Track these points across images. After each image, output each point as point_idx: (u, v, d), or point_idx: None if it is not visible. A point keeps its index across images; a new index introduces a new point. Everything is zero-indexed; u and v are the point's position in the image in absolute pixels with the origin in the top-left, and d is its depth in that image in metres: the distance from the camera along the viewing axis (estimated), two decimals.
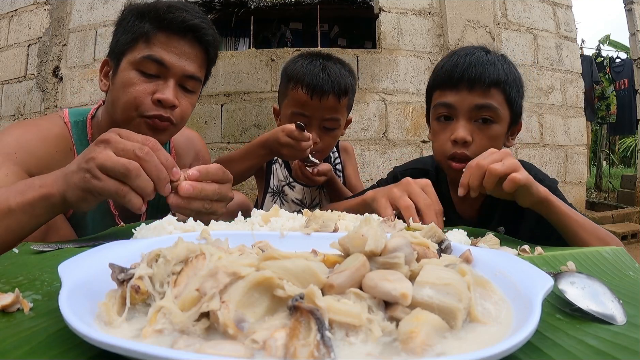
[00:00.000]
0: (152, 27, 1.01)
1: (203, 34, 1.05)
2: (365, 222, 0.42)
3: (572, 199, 4.29)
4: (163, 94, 1.01)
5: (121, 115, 1.03)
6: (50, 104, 3.90)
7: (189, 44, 1.04)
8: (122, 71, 1.03)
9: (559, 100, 4.37)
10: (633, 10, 5.57)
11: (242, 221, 0.73)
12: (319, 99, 1.29)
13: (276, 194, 1.51)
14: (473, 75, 1.03)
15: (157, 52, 1.01)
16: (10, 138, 0.97)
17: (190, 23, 1.02)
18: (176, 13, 1.01)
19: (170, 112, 1.03)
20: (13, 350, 0.35)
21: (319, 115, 1.32)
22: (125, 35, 1.03)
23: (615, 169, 9.92)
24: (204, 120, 3.72)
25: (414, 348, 0.31)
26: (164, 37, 1.01)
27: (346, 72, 1.37)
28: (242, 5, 4.91)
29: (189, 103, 1.08)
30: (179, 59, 1.03)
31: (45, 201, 0.70)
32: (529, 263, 0.46)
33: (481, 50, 1.10)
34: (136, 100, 1.00)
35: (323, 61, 1.35)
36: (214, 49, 1.11)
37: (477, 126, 1.06)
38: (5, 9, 4.31)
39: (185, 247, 0.40)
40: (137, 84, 1.01)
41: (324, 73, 1.30)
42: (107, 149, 0.67)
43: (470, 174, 0.85)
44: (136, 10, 1.04)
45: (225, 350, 0.30)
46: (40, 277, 0.52)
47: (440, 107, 1.09)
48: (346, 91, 1.33)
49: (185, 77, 1.05)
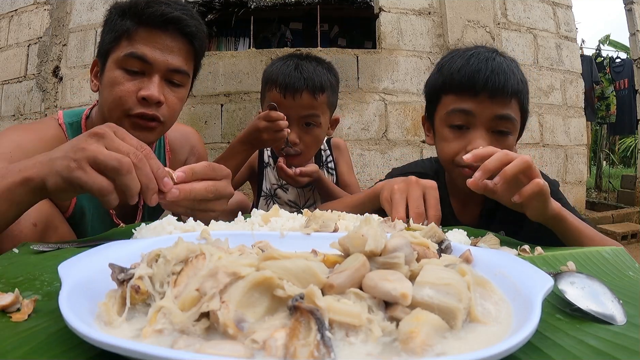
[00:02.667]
0: (132, 23, 1.00)
1: (185, 25, 1.03)
2: (365, 222, 0.42)
3: (572, 199, 4.29)
4: (147, 90, 0.99)
5: (109, 116, 1.03)
6: (50, 104, 3.90)
7: (170, 37, 1.02)
8: (107, 71, 1.03)
9: (559, 100, 4.37)
10: (633, 10, 5.56)
11: (242, 221, 0.73)
12: (292, 97, 1.30)
13: (269, 197, 1.51)
14: (497, 84, 0.97)
15: (139, 48, 1.00)
16: (5, 139, 0.97)
17: (169, 16, 1.00)
18: (155, 7, 0.99)
19: (156, 109, 1.02)
20: (13, 350, 0.35)
21: (296, 114, 1.32)
22: (109, 34, 1.03)
23: (615, 169, 9.92)
24: (204, 120, 3.72)
25: (414, 348, 0.31)
26: (145, 33, 1.00)
27: (323, 69, 1.37)
28: (242, 5, 4.90)
29: (176, 98, 1.07)
30: (162, 54, 1.01)
31: (24, 186, 0.65)
32: (529, 263, 0.46)
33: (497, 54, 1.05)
34: (121, 99, 1.00)
35: (297, 60, 1.36)
36: (199, 40, 1.08)
37: (494, 136, 1.01)
38: (5, 9, 4.31)
39: (185, 247, 0.40)
40: (121, 82, 1.00)
41: (296, 71, 1.32)
42: (100, 142, 0.64)
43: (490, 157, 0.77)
44: (119, 8, 1.04)
45: (225, 350, 0.30)
46: (40, 277, 0.52)
47: (456, 114, 1.02)
48: (322, 87, 1.33)
49: (171, 71, 1.03)
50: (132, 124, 1.01)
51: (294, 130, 1.33)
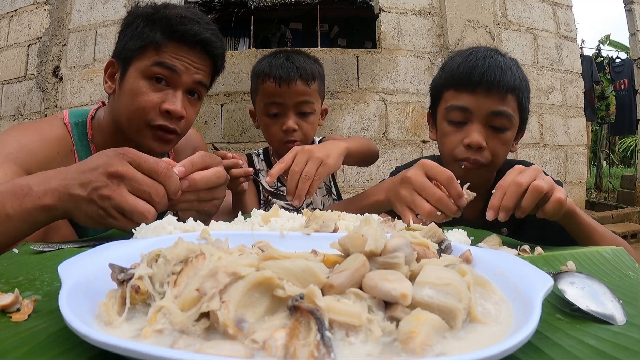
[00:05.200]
0: (163, 36, 1.01)
1: (213, 47, 1.07)
2: (365, 222, 0.42)
3: (572, 199, 4.23)
4: (172, 104, 1.02)
5: (127, 124, 1.04)
6: (50, 104, 3.90)
7: (197, 55, 1.05)
8: (130, 78, 1.03)
9: (559, 100, 4.36)
10: (633, 10, 5.56)
11: (242, 221, 0.73)
12: (288, 85, 1.34)
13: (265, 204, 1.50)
14: (492, 79, 1.00)
15: (168, 59, 1.02)
16: (10, 139, 0.97)
17: (202, 37, 1.03)
18: (188, 25, 1.02)
19: (177, 123, 1.04)
20: (13, 350, 0.34)
21: (292, 101, 1.37)
22: (134, 40, 1.03)
23: (615, 169, 9.92)
24: (204, 120, 3.72)
25: (414, 348, 0.31)
26: (174, 47, 1.02)
27: (311, 60, 1.43)
28: (242, 5, 4.91)
29: (194, 112, 1.10)
30: (188, 69, 1.04)
31: (45, 212, 0.68)
32: (529, 263, 0.46)
33: (496, 53, 1.08)
34: (145, 110, 1.01)
35: (286, 54, 1.42)
36: (222, 60, 1.13)
37: (491, 131, 1.03)
38: (5, 9, 4.31)
39: (185, 247, 0.40)
40: (145, 93, 1.01)
41: (288, 62, 1.37)
42: (122, 186, 0.66)
43: (503, 194, 0.78)
44: (145, 15, 1.04)
45: (225, 350, 0.30)
46: (40, 277, 0.52)
47: (454, 110, 1.06)
48: (313, 76, 1.39)
49: (194, 83, 1.06)
50: (153, 135, 1.04)
51: (291, 117, 1.37)
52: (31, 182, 0.70)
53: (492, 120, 1.03)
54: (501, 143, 1.04)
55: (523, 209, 0.77)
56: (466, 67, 1.04)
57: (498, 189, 0.79)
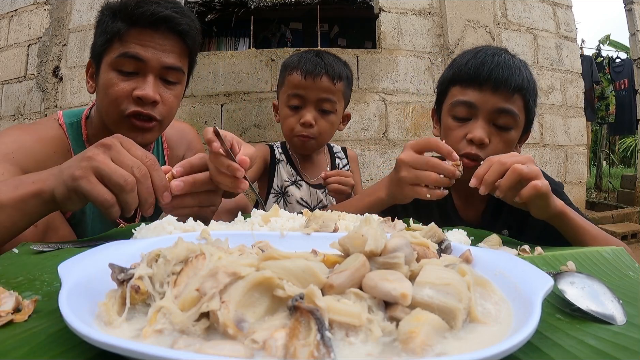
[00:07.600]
0: (123, 25, 1.00)
1: (176, 23, 1.02)
2: (365, 222, 0.42)
3: (572, 199, 4.24)
4: (142, 90, 1.00)
5: (107, 118, 1.04)
6: (50, 104, 3.90)
7: (162, 36, 1.02)
8: (102, 73, 1.03)
9: (559, 100, 4.36)
10: (633, 10, 5.56)
11: (242, 221, 0.73)
12: (313, 79, 1.35)
13: (280, 194, 1.51)
14: (500, 77, 1.00)
15: (132, 48, 1.00)
16: (7, 139, 0.97)
17: (160, 15, 1.00)
18: (145, 7, 0.99)
19: (151, 108, 1.02)
20: (13, 350, 0.35)
21: (314, 96, 1.37)
22: (102, 36, 1.03)
23: (615, 169, 9.91)
24: (204, 120, 3.72)
25: (414, 348, 0.31)
26: (137, 33, 1.00)
27: (341, 62, 1.44)
28: (242, 5, 4.90)
29: (172, 96, 1.07)
30: (155, 53, 1.01)
31: (36, 198, 0.68)
32: (529, 263, 0.46)
33: (506, 52, 1.08)
34: (117, 100, 1.00)
35: (317, 51, 1.44)
36: (192, 37, 1.08)
37: (495, 129, 1.03)
38: (5, 9, 4.31)
39: (185, 247, 0.40)
40: (116, 84, 1.00)
41: (318, 58, 1.39)
42: (106, 154, 0.66)
43: (488, 168, 0.81)
44: (109, 10, 1.04)
45: (225, 350, 0.30)
46: (40, 277, 0.52)
47: (459, 105, 1.05)
48: (340, 76, 1.39)
49: (165, 69, 1.03)
50: (130, 126, 1.01)
51: (311, 112, 1.38)
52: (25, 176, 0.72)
53: (497, 118, 1.03)
54: (504, 142, 1.04)
55: (501, 187, 0.79)
56: (475, 63, 1.04)
57: (486, 162, 0.83)
